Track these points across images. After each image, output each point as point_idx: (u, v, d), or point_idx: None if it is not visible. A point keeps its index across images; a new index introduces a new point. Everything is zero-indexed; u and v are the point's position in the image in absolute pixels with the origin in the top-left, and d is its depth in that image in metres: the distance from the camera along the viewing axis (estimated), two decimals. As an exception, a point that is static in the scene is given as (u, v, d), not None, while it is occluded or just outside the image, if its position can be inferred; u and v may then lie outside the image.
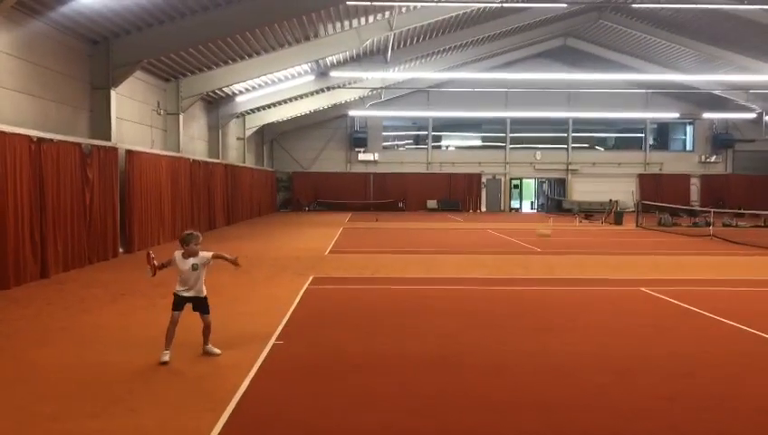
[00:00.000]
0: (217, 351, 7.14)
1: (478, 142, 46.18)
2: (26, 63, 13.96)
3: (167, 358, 6.83)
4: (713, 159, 44.38)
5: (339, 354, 7.24)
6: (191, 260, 7.13)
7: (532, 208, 47.29)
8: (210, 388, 6.02)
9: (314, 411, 5.44)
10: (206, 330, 7.19)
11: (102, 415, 5.30)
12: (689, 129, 45.64)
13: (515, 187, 46.04)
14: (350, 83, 33.86)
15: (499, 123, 44.18)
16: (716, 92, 37.58)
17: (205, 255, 7.18)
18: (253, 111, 32.89)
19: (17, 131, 11.96)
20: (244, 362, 6.80)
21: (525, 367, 6.79)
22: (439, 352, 7.36)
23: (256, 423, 5.19)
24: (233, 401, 5.62)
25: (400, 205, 42.88)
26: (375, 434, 4.98)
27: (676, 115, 41.82)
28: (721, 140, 43.95)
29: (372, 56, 29.29)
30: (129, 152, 17.26)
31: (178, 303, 7.12)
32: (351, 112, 40.16)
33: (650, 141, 45.45)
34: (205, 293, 7.22)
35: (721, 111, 41.29)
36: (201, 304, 7.20)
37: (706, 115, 41.96)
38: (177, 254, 7.19)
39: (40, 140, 12.63)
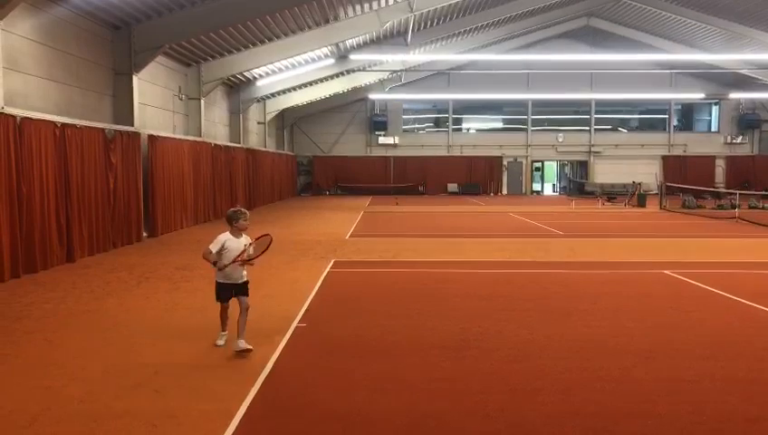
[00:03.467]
0: (248, 346, 6.52)
1: (499, 125, 45.82)
2: (51, 50, 14.08)
3: (221, 341, 6.84)
4: (739, 139, 43.60)
5: (360, 337, 7.28)
6: (243, 239, 6.77)
7: (553, 191, 46.90)
8: (234, 370, 6.09)
9: (337, 394, 5.49)
10: (244, 315, 6.68)
11: (128, 397, 5.40)
12: (715, 109, 44.84)
13: (537, 169, 45.67)
14: (369, 66, 33.71)
15: (520, 105, 43.79)
16: (743, 72, 36.81)
17: (247, 237, 6.85)
18: (273, 95, 32.95)
19: (42, 117, 12.11)
20: (267, 345, 6.86)
21: (547, 350, 6.78)
22: (460, 335, 7.36)
23: (280, 405, 5.25)
24: (257, 383, 5.68)
25: (420, 188, 42.79)
26: (396, 416, 5.02)
27: (702, 95, 41.01)
28: (747, 121, 43.13)
29: (392, 39, 29.13)
30: (151, 137, 17.40)
31: (225, 293, 6.81)
32: (371, 96, 40.02)
33: (674, 122, 44.78)
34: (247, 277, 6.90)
35: (748, 91, 40.47)
36: (244, 289, 6.84)
37: (733, 95, 41.14)
38: (226, 235, 6.74)
39: (64, 125, 12.78)
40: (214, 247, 6.67)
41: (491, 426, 4.81)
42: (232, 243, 6.72)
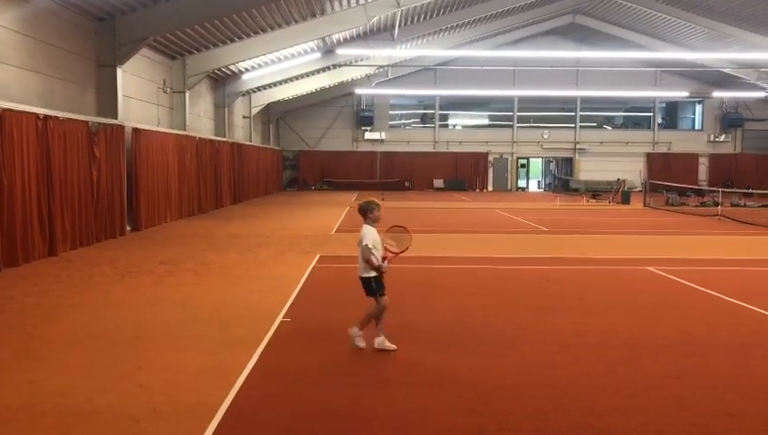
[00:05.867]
0: (392, 346, 6.46)
1: (485, 121, 45.95)
2: (32, 40, 13.90)
3: (362, 343, 6.45)
4: (722, 138, 44.06)
5: (345, 333, 7.23)
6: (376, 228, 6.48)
7: (539, 188, 47.16)
8: (219, 364, 6.05)
9: (323, 389, 5.47)
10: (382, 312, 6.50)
11: (111, 391, 5.34)
12: (698, 107, 45.27)
13: (522, 166, 45.87)
14: (356, 61, 33.64)
15: (507, 102, 43.92)
16: (726, 71, 37.20)
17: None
18: (259, 88, 32.78)
19: (24, 109, 11.94)
20: (251, 339, 6.83)
21: (533, 345, 6.80)
22: (447, 329, 7.38)
23: (264, 401, 5.23)
24: (241, 378, 5.65)
25: (407, 184, 42.82)
26: (381, 411, 5.01)
27: (686, 94, 41.45)
28: (730, 119, 43.61)
29: (379, 33, 29.06)
30: (135, 130, 17.23)
31: (382, 284, 6.45)
32: (358, 91, 39.97)
33: (659, 120, 45.13)
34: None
35: (731, 90, 40.90)
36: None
37: (716, 94, 41.60)
38: (372, 229, 6.42)
39: (46, 117, 12.62)
40: (371, 242, 6.34)
41: (476, 420, 4.82)
42: (378, 236, 6.47)
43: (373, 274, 6.44)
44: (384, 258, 6.48)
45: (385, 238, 6.67)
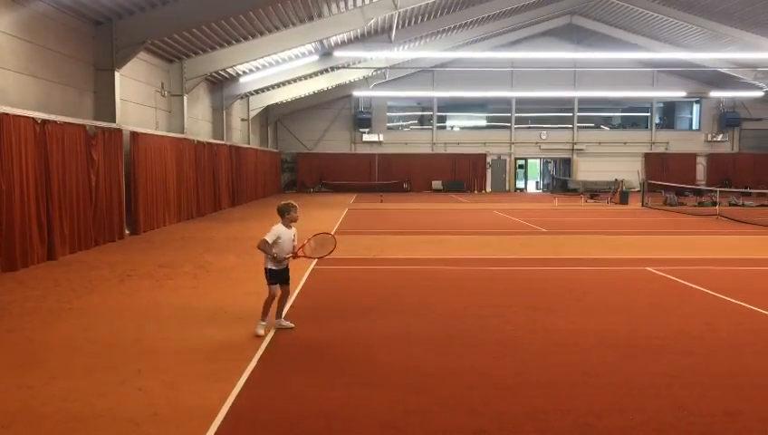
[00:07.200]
0: (291, 325, 7.42)
1: (483, 122, 45.96)
2: (30, 45, 13.90)
3: (262, 331, 7.12)
4: (719, 138, 44.10)
5: (344, 333, 7.28)
6: (293, 230, 7.35)
7: (537, 189, 47.17)
8: (218, 367, 6.06)
9: (320, 389, 5.48)
10: (285, 300, 7.46)
11: (111, 394, 5.35)
12: (696, 107, 45.31)
13: (520, 167, 45.89)
14: (354, 63, 33.67)
15: (504, 103, 43.94)
16: (723, 71, 37.24)
17: (294, 228, 7.43)
18: (257, 91, 32.79)
19: (21, 113, 11.95)
20: (251, 341, 6.85)
21: (531, 345, 6.81)
22: (444, 330, 7.39)
23: (264, 403, 5.24)
24: (240, 381, 5.66)
25: (405, 186, 42.82)
26: (380, 412, 5.02)
27: (683, 94, 41.50)
28: (728, 119, 43.63)
29: (376, 36, 29.09)
30: (133, 134, 17.24)
31: (278, 276, 7.31)
32: (356, 93, 39.99)
33: (656, 120, 45.17)
34: None
35: (728, 90, 40.97)
36: (287, 275, 7.45)
37: (713, 94, 41.63)
38: (280, 227, 7.27)
39: (44, 121, 12.62)
40: (270, 238, 7.16)
41: (475, 421, 4.83)
42: (285, 234, 7.26)
43: (270, 265, 7.27)
44: (293, 254, 7.31)
45: (311, 240, 7.50)
